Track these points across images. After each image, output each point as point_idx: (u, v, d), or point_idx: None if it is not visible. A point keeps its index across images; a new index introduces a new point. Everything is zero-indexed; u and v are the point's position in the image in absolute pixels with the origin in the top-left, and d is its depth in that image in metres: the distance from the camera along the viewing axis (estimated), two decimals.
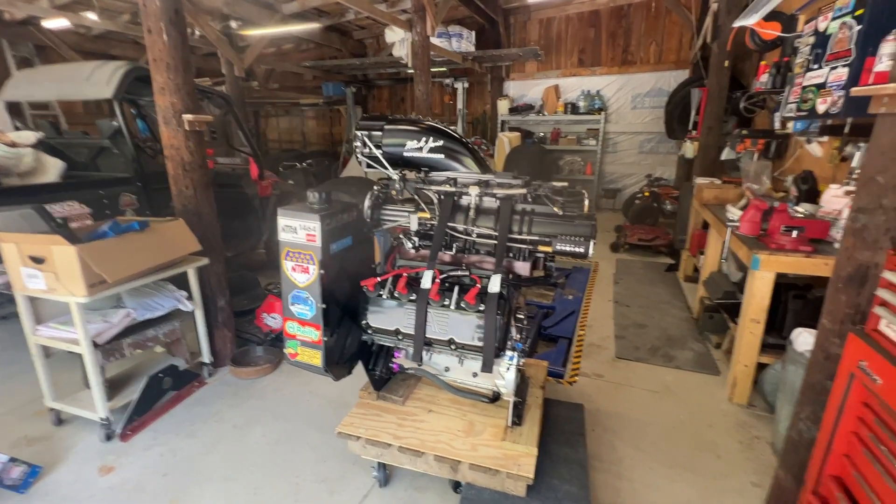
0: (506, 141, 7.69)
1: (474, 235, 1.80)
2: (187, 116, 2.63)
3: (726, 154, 4.44)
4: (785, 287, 2.70)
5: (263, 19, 6.86)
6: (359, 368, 2.10)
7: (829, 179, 3.09)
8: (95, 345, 2.28)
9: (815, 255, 2.35)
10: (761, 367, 2.65)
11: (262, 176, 4.52)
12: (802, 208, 2.82)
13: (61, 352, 2.39)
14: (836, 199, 2.57)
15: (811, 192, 2.98)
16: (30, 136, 3.35)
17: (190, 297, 2.75)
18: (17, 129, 4.02)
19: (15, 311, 2.35)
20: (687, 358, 3.20)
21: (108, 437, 2.37)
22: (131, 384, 2.62)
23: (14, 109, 4.30)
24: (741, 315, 2.63)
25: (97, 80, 3.34)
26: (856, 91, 1.55)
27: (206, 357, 2.93)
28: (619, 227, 6.45)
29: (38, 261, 2.13)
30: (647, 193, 6.64)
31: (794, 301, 2.61)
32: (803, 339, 2.11)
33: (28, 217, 2.05)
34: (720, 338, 3.36)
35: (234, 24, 6.83)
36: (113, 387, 2.57)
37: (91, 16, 6.25)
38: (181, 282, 2.71)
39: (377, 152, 1.83)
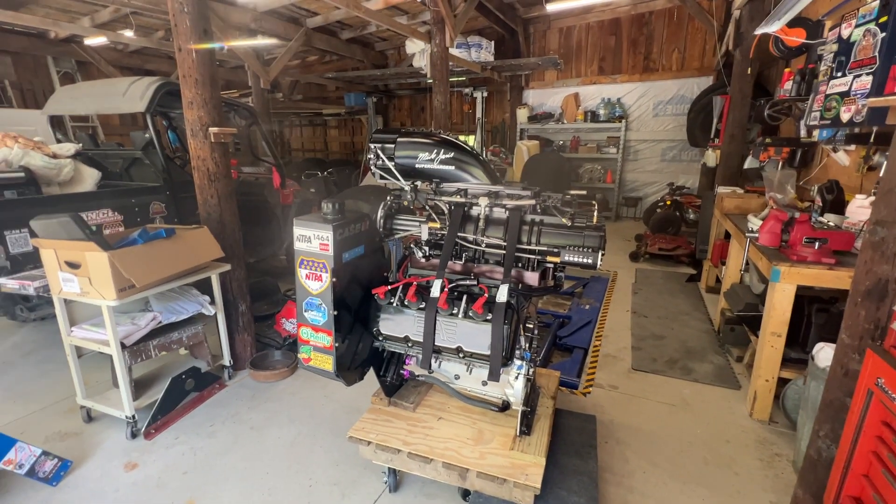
0: (524, 149, 7.69)
1: (483, 245, 1.83)
2: (213, 129, 2.75)
3: (749, 163, 4.34)
4: (809, 300, 2.62)
5: (290, 33, 7.10)
6: (372, 374, 2.14)
7: (856, 189, 2.99)
8: (124, 346, 2.40)
9: (838, 267, 2.28)
10: (783, 383, 2.57)
11: (283, 185, 4.66)
12: (827, 219, 2.74)
13: (93, 352, 2.52)
14: (861, 210, 2.49)
15: (837, 203, 2.88)
16: (69, 148, 3.56)
17: (212, 302, 2.86)
18: (58, 141, 4.27)
19: (52, 312, 2.50)
20: (706, 371, 3.13)
21: (134, 435, 2.48)
22: (156, 384, 2.74)
23: (56, 122, 4.57)
24: (762, 328, 2.57)
25: (132, 95, 3.54)
26: (872, 102, 1.52)
27: (227, 360, 3.03)
28: (640, 236, 6.36)
29: (73, 266, 2.26)
30: (668, 202, 6.53)
31: (818, 314, 2.54)
32: (825, 354, 2.05)
33: (65, 224, 2.19)
34: (742, 351, 3.27)
35: (261, 38, 7.08)
36: (139, 387, 2.69)
37: (128, 33, 6.60)
38: (204, 287, 2.83)
39: (390, 164, 1.89)
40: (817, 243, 2.32)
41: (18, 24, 5.83)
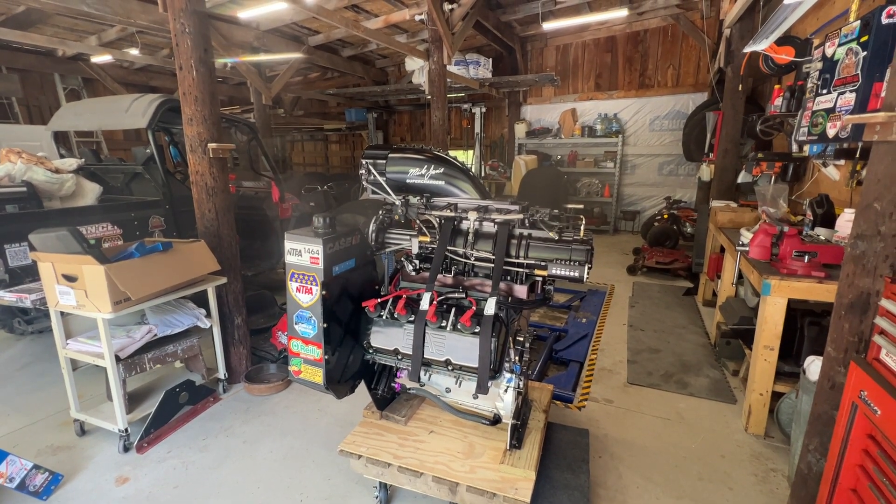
0: (522, 164, 7.78)
1: (473, 259, 1.86)
2: (212, 145, 2.81)
3: (743, 177, 4.39)
4: (801, 313, 2.63)
5: (291, 51, 7.25)
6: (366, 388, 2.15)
7: (846, 203, 3.02)
8: (118, 359, 2.42)
9: (828, 280, 2.29)
10: (778, 396, 2.56)
11: (282, 199, 4.71)
12: (818, 233, 2.77)
13: (88, 365, 2.53)
14: (850, 224, 2.50)
15: (827, 216, 2.91)
16: (71, 163, 3.63)
17: (208, 315, 2.87)
18: (61, 156, 4.35)
19: (50, 325, 2.52)
20: (702, 385, 3.12)
21: (126, 449, 2.47)
22: (151, 397, 2.74)
23: (61, 137, 4.65)
24: (755, 342, 2.57)
25: (134, 112, 3.61)
26: (848, 119, 1.56)
27: (222, 373, 3.04)
28: (638, 249, 6.38)
29: (70, 279, 2.29)
30: (665, 216, 6.57)
31: (810, 328, 2.54)
32: (815, 367, 2.05)
33: (63, 238, 2.22)
34: (737, 365, 3.26)
35: (263, 56, 7.24)
36: (133, 400, 2.70)
37: (134, 52, 6.75)
38: (201, 300, 2.85)
39: (381, 179, 1.93)
40: (806, 257, 2.34)
41: (27, 42, 5.97)
